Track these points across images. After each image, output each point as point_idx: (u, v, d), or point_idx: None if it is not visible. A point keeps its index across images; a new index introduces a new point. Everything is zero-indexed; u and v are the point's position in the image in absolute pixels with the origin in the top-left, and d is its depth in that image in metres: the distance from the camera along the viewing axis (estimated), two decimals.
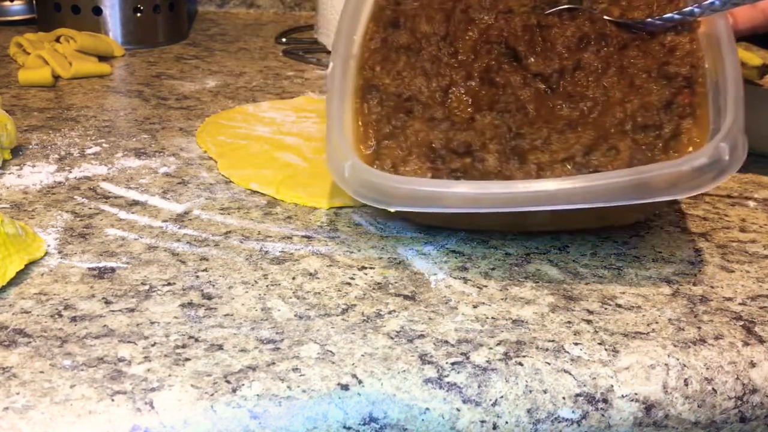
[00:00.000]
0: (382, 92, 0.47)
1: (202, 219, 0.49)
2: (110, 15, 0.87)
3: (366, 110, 0.47)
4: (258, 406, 0.33)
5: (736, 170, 0.40)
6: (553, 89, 0.47)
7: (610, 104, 0.45)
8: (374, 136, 0.46)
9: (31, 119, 0.64)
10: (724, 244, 0.49)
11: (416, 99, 0.47)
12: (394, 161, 0.44)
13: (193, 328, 0.38)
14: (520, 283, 0.43)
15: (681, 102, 0.44)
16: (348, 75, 0.48)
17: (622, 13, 0.49)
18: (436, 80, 0.47)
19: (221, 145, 0.60)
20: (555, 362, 0.37)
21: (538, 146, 0.44)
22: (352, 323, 0.39)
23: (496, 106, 0.46)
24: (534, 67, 0.48)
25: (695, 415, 0.37)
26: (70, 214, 0.48)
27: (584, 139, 0.43)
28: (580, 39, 0.48)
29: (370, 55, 0.49)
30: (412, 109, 0.47)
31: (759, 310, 0.42)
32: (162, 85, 0.76)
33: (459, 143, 0.44)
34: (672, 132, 0.44)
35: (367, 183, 0.42)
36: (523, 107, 0.46)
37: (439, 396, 0.35)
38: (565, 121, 0.45)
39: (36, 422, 0.31)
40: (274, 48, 0.92)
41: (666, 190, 0.40)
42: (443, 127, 0.45)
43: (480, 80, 0.47)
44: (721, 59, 0.44)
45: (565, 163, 0.43)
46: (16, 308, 0.39)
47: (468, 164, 0.44)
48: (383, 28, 0.50)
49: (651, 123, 0.44)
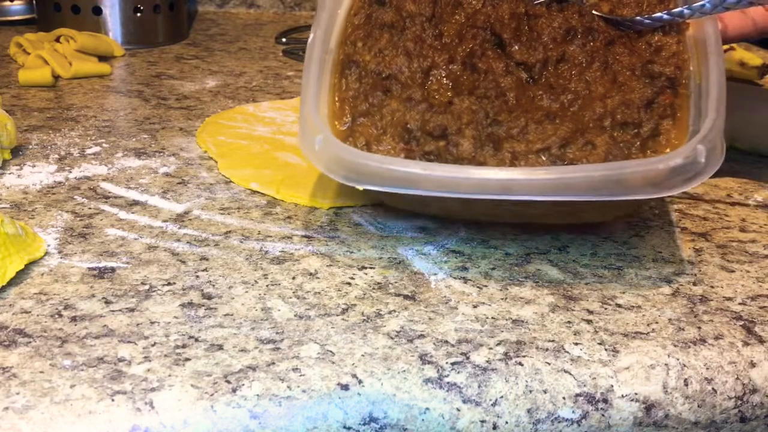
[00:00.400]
0: (361, 68, 0.47)
1: (202, 219, 0.49)
2: (110, 15, 0.87)
3: (344, 86, 0.46)
4: (258, 406, 0.33)
5: (711, 174, 0.40)
6: (535, 79, 0.47)
7: (591, 99, 0.45)
8: (350, 113, 0.45)
9: (31, 119, 0.64)
10: (724, 244, 0.49)
11: (396, 78, 0.46)
12: (367, 139, 0.44)
13: (193, 328, 0.38)
14: (520, 283, 0.43)
15: (662, 102, 0.44)
16: (328, 49, 0.47)
17: (612, 9, 0.49)
18: (417, 61, 0.47)
19: (221, 145, 0.60)
20: (555, 362, 0.37)
21: (515, 135, 0.44)
22: (352, 323, 0.39)
23: (476, 92, 0.46)
24: (518, 55, 0.48)
25: (695, 415, 0.37)
26: (70, 214, 0.48)
27: (561, 132, 0.43)
28: (566, 31, 0.48)
29: (353, 30, 0.49)
30: (391, 88, 0.46)
31: (759, 310, 0.42)
32: (162, 85, 0.76)
33: (435, 126, 0.44)
34: (651, 131, 0.43)
35: (338, 159, 0.41)
36: (503, 94, 0.46)
37: (439, 396, 0.35)
38: (544, 112, 0.45)
39: (36, 422, 0.31)
40: (274, 48, 0.92)
41: (640, 188, 0.39)
42: (420, 109, 0.44)
43: (462, 65, 0.47)
44: (707, 62, 0.44)
45: (540, 154, 0.43)
46: (16, 308, 0.39)
47: (442, 148, 0.43)
48: (368, 4, 0.50)
49: (630, 120, 0.44)
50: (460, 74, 0.47)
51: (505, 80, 0.46)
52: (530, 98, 0.46)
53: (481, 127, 0.44)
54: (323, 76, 0.46)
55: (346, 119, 0.45)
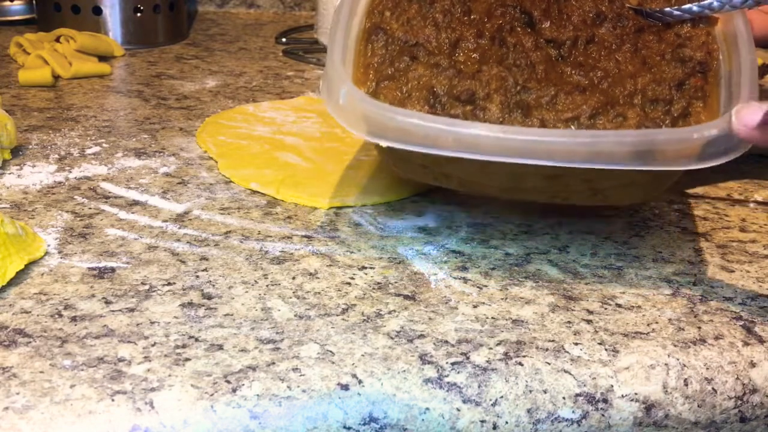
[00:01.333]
0: (388, 35, 0.46)
1: (202, 219, 0.49)
2: (110, 15, 0.87)
3: (369, 52, 0.46)
4: (258, 406, 0.33)
5: (745, 150, 0.39)
6: (564, 57, 0.46)
7: (621, 77, 0.45)
8: (374, 78, 0.45)
9: (31, 119, 0.64)
10: (724, 244, 0.49)
11: (423, 46, 0.46)
12: (392, 102, 0.43)
13: (193, 328, 0.38)
14: (520, 283, 0.43)
15: (693, 84, 0.44)
16: (355, 16, 0.47)
17: (641, 2, 0.49)
18: (445, 32, 0.46)
19: (221, 145, 0.60)
20: (555, 362, 0.37)
21: (544, 104, 0.43)
22: (352, 323, 0.39)
23: (505, 62, 0.45)
24: (548, 32, 0.47)
25: (695, 415, 0.37)
26: (70, 214, 0.48)
27: (592, 102, 0.43)
28: (596, 15, 0.48)
29: (381, 0, 0.48)
30: (418, 54, 0.45)
31: (759, 310, 0.42)
32: (162, 85, 0.76)
33: (462, 90, 0.43)
34: (681, 110, 0.43)
35: (361, 112, 0.40)
36: (532, 65, 0.45)
37: (439, 396, 0.35)
38: (573, 85, 0.44)
39: (36, 422, 0.31)
40: (274, 48, 0.92)
41: (673, 159, 0.38)
42: (448, 74, 0.44)
43: (491, 39, 0.46)
44: (737, 52, 0.44)
45: (570, 123, 0.42)
46: (16, 308, 0.39)
47: (468, 112, 0.43)
48: None
49: (661, 97, 0.43)
50: (488, 48, 0.46)
51: (534, 54, 0.46)
52: (559, 74, 0.45)
53: (510, 93, 0.43)
54: (349, 39, 0.45)
55: (370, 84, 0.44)
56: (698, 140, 0.38)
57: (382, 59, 0.45)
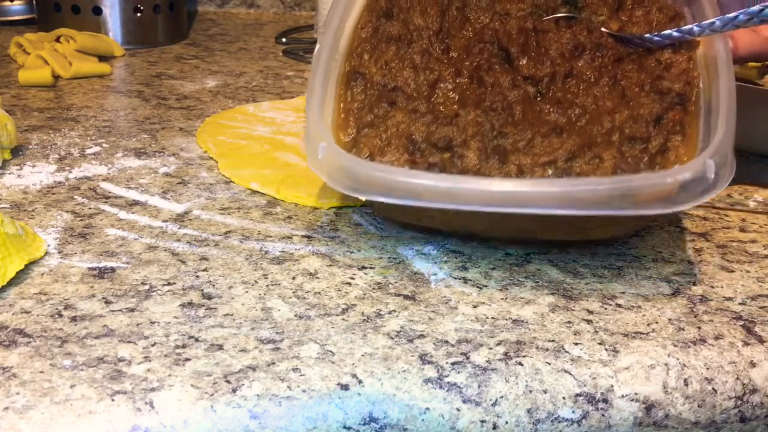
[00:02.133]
0: (367, 80, 0.47)
1: (202, 219, 0.49)
2: (110, 15, 0.87)
3: (349, 97, 0.46)
4: (258, 406, 0.33)
5: (722, 189, 0.39)
6: (542, 94, 0.47)
7: (598, 113, 0.45)
8: (354, 124, 0.45)
9: (31, 119, 0.64)
10: (724, 244, 0.49)
11: (401, 90, 0.46)
12: (371, 150, 0.43)
13: (193, 328, 0.38)
14: (520, 283, 0.43)
15: (671, 118, 0.44)
16: (334, 60, 0.47)
17: (621, 27, 0.49)
18: (423, 74, 0.47)
19: (221, 145, 0.60)
20: (555, 362, 0.37)
21: (521, 148, 0.43)
22: (352, 323, 0.39)
23: (482, 105, 0.45)
24: (525, 69, 0.47)
25: (695, 415, 0.37)
26: (70, 214, 0.48)
27: (568, 145, 0.43)
28: (575, 47, 0.48)
29: (360, 43, 0.48)
30: (396, 100, 0.46)
31: (759, 310, 0.42)
32: (162, 85, 0.76)
33: (440, 137, 0.43)
34: (659, 147, 0.43)
35: (341, 167, 0.40)
36: (509, 107, 0.45)
37: (439, 396, 0.35)
38: (551, 126, 0.44)
39: (36, 422, 0.31)
40: (274, 48, 0.92)
41: (648, 203, 0.38)
42: (425, 120, 0.44)
43: (469, 78, 0.47)
44: (717, 79, 0.44)
45: (547, 167, 0.42)
46: (16, 308, 0.39)
47: (447, 159, 0.43)
48: (376, 18, 0.49)
49: (639, 135, 0.43)
50: (466, 87, 0.46)
51: (512, 93, 0.46)
52: (537, 113, 0.45)
53: (487, 139, 0.43)
54: (328, 86, 0.46)
55: (350, 131, 0.45)
56: (672, 184, 0.38)
57: (361, 105, 0.46)
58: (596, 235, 0.48)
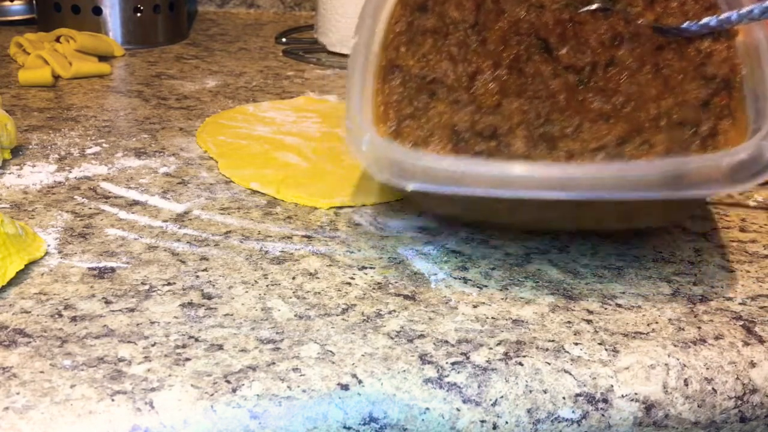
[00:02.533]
0: (405, 73, 0.46)
1: (202, 219, 0.49)
2: (110, 15, 0.87)
3: (387, 90, 0.46)
4: (258, 406, 0.33)
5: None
6: (584, 83, 0.46)
7: (643, 100, 0.44)
8: (395, 116, 0.44)
9: (31, 119, 0.64)
10: (724, 244, 0.49)
11: (441, 82, 0.46)
12: (414, 141, 0.43)
13: (193, 328, 0.38)
14: (520, 283, 0.43)
15: (718, 103, 0.43)
16: (371, 54, 0.47)
17: (657, 18, 0.49)
18: (462, 65, 0.46)
19: (221, 145, 0.60)
20: (555, 362, 0.37)
21: (569, 134, 0.42)
22: (352, 323, 0.39)
23: (525, 94, 0.45)
24: (566, 59, 0.46)
25: (695, 415, 0.37)
26: (70, 214, 0.48)
27: (617, 130, 0.42)
28: (613, 37, 0.47)
29: (395, 36, 0.48)
30: (436, 91, 0.45)
31: (759, 310, 0.42)
32: (162, 85, 0.76)
33: (485, 126, 0.43)
34: (709, 131, 0.42)
35: (385, 158, 0.40)
36: (552, 96, 0.45)
37: (439, 396, 0.35)
38: (597, 112, 0.44)
39: (36, 422, 0.31)
40: (274, 48, 0.92)
41: (703, 184, 0.38)
42: (468, 110, 0.44)
43: (508, 69, 0.46)
44: (760, 66, 0.43)
45: (597, 153, 0.41)
46: (16, 308, 0.39)
47: (493, 148, 0.42)
48: (410, 12, 0.49)
49: (689, 120, 0.42)
50: (506, 78, 0.46)
51: (554, 82, 0.45)
52: (580, 101, 0.45)
53: (533, 127, 0.43)
54: (366, 80, 0.45)
55: (391, 123, 0.44)
56: (728, 165, 0.38)
57: (400, 97, 0.45)
58: (648, 223, 0.47)
